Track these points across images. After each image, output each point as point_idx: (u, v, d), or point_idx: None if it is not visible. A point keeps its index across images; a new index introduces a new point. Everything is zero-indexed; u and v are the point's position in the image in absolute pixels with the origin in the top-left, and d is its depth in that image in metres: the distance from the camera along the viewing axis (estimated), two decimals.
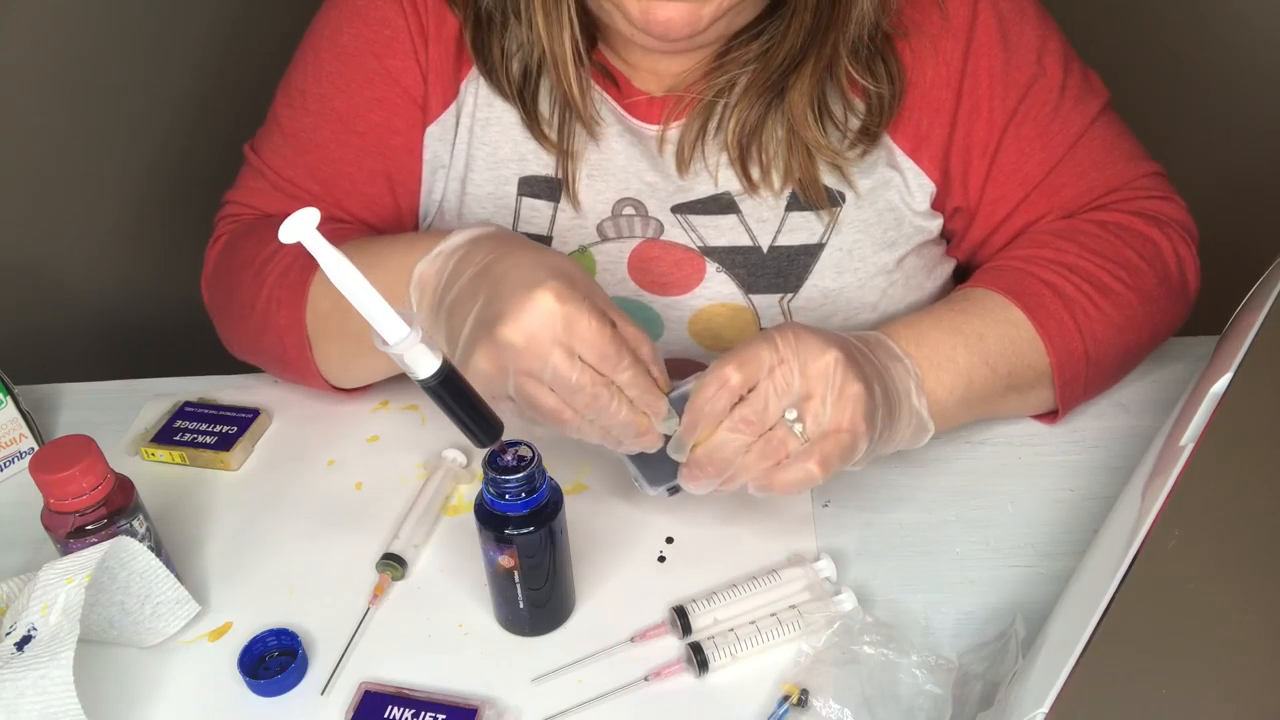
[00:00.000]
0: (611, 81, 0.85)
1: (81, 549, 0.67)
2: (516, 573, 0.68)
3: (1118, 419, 0.86)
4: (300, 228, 0.55)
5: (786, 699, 0.66)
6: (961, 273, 0.93)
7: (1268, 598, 0.56)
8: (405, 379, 0.62)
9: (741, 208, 0.86)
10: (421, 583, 0.76)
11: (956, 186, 0.86)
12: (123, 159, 1.43)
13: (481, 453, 0.66)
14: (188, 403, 0.90)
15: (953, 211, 0.88)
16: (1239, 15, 1.39)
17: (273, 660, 0.71)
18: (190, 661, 0.72)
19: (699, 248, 0.87)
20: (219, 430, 0.87)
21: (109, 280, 1.50)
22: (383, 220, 0.91)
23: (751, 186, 0.85)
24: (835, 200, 0.85)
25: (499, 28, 0.83)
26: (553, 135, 0.85)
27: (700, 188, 0.86)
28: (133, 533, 0.71)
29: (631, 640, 0.71)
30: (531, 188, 0.87)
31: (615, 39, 0.85)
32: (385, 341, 0.58)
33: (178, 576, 0.71)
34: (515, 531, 0.66)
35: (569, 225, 0.87)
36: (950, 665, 0.65)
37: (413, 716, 0.66)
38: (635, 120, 0.86)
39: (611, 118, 0.86)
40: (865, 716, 0.64)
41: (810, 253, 0.86)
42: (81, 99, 1.37)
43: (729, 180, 0.85)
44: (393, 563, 0.76)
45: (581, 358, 0.64)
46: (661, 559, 0.77)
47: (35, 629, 0.64)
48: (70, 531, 0.69)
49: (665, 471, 0.71)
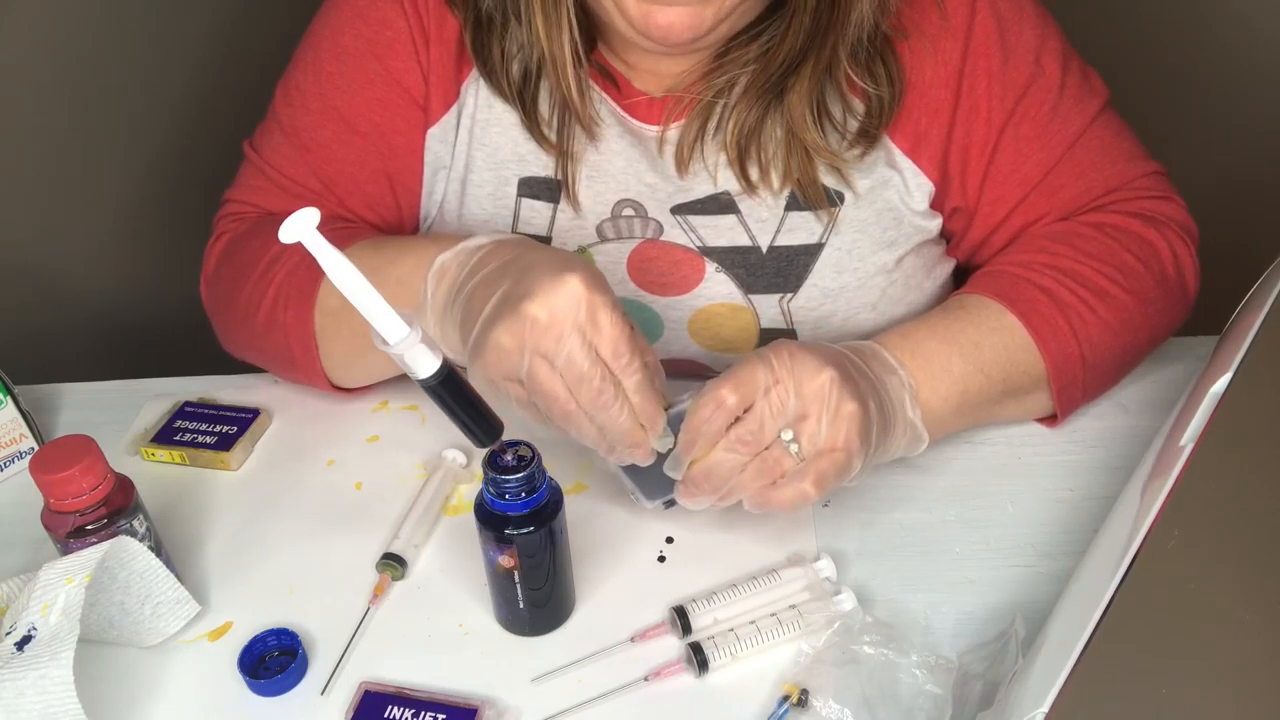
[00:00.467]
0: (611, 82, 0.85)
1: (81, 549, 0.67)
2: (516, 573, 0.68)
3: (1118, 419, 0.86)
4: (300, 227, 0.55)
5: (786, 699, 0.66)
6: (961, 273, 0.93)
7: (1267, 598, 0.56)
8: (406, 379, 0.62)
9: (741, 208, 0.86)
10: (421, 583, 0.76)
11: (955, 186, 0.86)
12: (123, 159, 1.43)
13: (481, 453, 0.66)
14: (188, 403, 0.90)
15: (951, 211, 0.88)
16: (1239, 15, 1.39)
17: (273, 660, 0.71)
18: (190, 661, 0.72)
19: (698, 248, 0.87)
20: (219, 430, 0.87)
21: (109, 280, 1.50)
22: (385, 220, 0.91)
23: (750, 187, 0.85)
24: (834, 200, 0.85)
25: (499, 29, 0.83)
26: (552, 136, 0.85)
27: (699, 188, 0.86)
28: (133, 533, 0.71)
29: (631, 640, 0.71)
30: (531, 189, 0.87)
31: (615, 40, 0.84)
32: (385, 341, 0.59)
33: (178, 576, 0.71)
34: (515, 531, 0.66)
35: (568, 226, 0.87)
36: (950, 665, 0.65)
37: (413, 716, 0.66)
38: (635, 121, 0.86)
39: (611, 119, 0.86)
40: (865, 716, 0.64)
41: (810, 253, 0.86)
42: (81, 99, 1.37)
43: (728, 180, 0.85)
44: (393, 563, 0.76)
45: (597, 350, 0.64)
46: (661, 559, 0.77)
47: (35, 629, 0.64)
48: (70, 531, 0.69)
49: (661, 486, 0.71)
